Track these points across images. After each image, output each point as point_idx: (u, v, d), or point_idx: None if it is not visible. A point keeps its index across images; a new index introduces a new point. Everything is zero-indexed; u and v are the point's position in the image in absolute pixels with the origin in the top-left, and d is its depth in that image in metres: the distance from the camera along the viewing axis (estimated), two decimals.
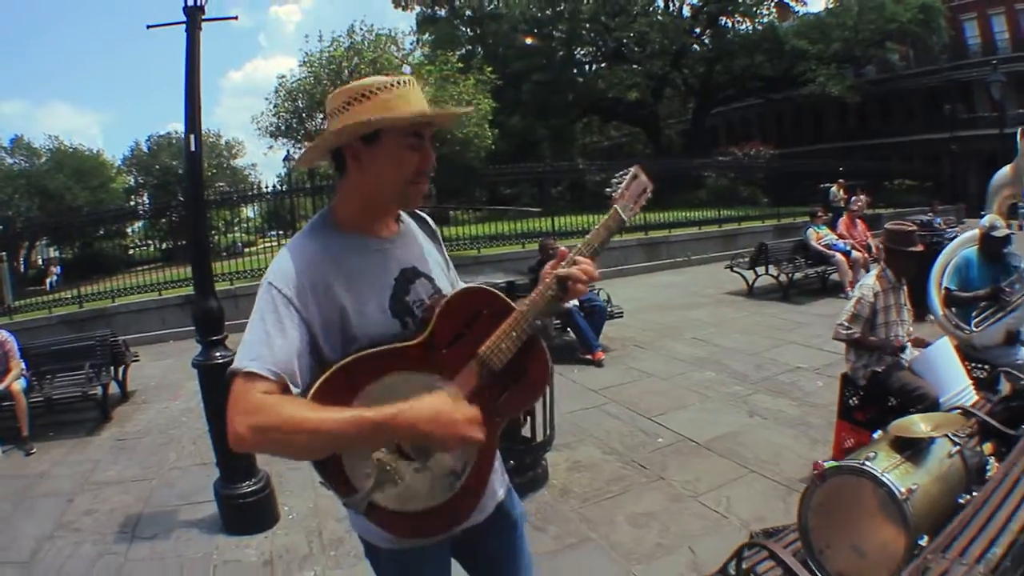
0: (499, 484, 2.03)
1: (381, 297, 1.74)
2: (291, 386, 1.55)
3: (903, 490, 2.83)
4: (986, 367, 5.17)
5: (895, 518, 2.81)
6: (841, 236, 12.91)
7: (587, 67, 40.21)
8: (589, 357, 8.27)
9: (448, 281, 1.98)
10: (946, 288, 5.75)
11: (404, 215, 1.92)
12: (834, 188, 18.27)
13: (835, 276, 12.51)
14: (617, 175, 1.99)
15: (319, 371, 1.59)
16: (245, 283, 12.59)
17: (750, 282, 12.75)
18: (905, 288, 5.04)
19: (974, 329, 5.51)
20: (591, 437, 5.95)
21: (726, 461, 5.33)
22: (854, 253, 12.32)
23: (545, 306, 1.77)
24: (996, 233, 5.56)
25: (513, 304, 1.78)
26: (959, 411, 3.79)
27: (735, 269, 12.99)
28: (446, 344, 1.69)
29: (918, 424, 3.32)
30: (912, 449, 3.20)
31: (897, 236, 4.88)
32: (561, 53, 36.50)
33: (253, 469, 4.76)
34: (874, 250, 12.20)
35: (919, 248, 4.85)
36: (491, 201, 22.97)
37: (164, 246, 19.66)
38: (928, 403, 4.29)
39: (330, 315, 1.65)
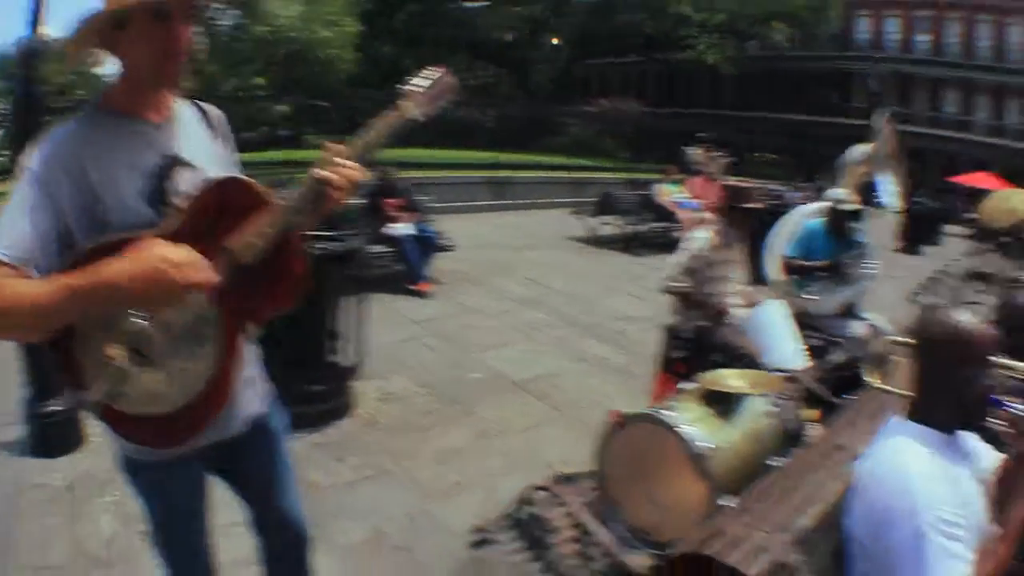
0: (255, 396, 2.02)
1: (137, 183, 1.68)
2: (31, 271, 1.51)
3: (704, 444, 2.85)
4: (821, 336, 5.29)
5: (695, 473, 2.83)
6: (696, 196, 13.14)
7: (469, 3, 39.49)
8: (415, 288, 8.16)
9: None
10: (786, 255, 5.82)
11: (183, 105, 1.88)
12: (697, 150, 18.60)
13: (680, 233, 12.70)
14: (422, 73, 1.97)
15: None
16: None
17: (593, 230, 12.90)
18: (741, 247, 5.13)
19: (810, 297, 5.60)
20: (406, 368, 5.87)
21: (540, 403, 5.37)
22: (705, 214, 12.54)
23: (302, 205, 1.71)
24: (845, 207, 5.66)
25: (270, 199, 1.72)
26: (783, 374, 3.85)
27: (579, 215, 13.13)
28: (197, 236, 1.60)
29: (730, 379, 3.38)
30: (722, 404, 3.23)
31: (735, 193, 5.04)
32: None
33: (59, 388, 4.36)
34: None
35: (757, 205, 5.01)
36: (351, 128, 22.25)
37: None
38: (750, 362, 4.34)
39: (83, 199, 1.60)
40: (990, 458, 2.21)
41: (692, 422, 3.00)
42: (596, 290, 9.03)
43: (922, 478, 1.85)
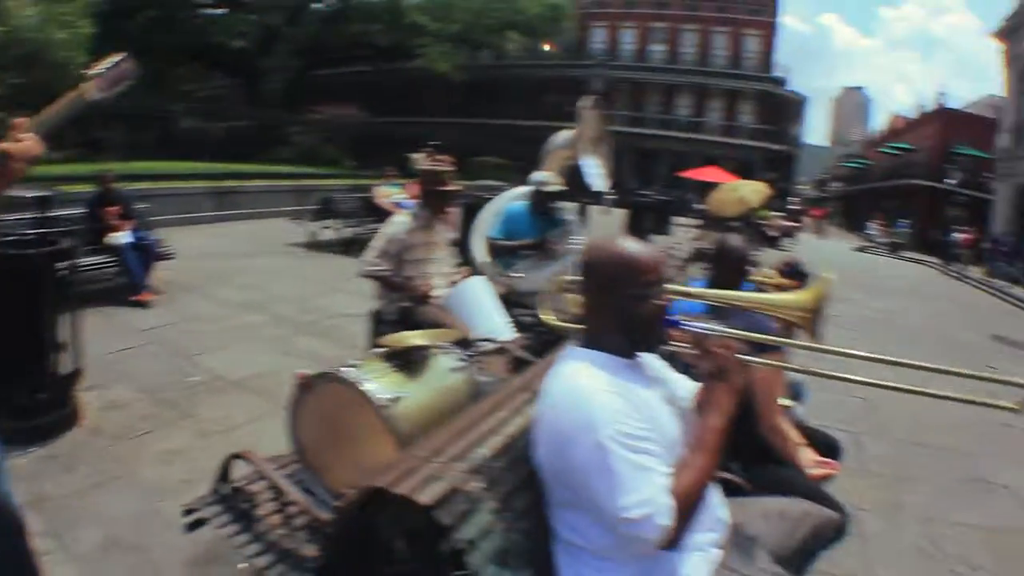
0: None
1: None
2: None
3: (385, 396, 2.95)
4: (530, 312, 5.27)
5: (381, 427, 2.91)
6: (414, 197, 13.54)
7: (206, 10, 37.72)
8: (136, 299, 7.99)
9: None
10: (490, 237, 6.10)
11: None
12: (419, 155, 18.81)
13: None
14: (106, 59, 2.04)
15: None
16: None
17: (314, 234, 13.15)
18: (443, 228, 5.35)
19: (517, 276, 5.84)
20: (127, 377, 5.80)
21: (259, 398, 5.53)
22: None
23: None
24: (547, 188, 6.02)
25: None
26: (492, 345, 4.02)
27: (300, 221, 13.36)
28: None
29: (412, 338, 3.48)
30: (408, 363, 3.34)
31: (429, 175, 5.19)
32: None
33: None
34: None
35: (449, 187, 5.17)
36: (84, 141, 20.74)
37: None
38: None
39: None
40: (686, 386, 2.33)
41: (374, 378, 3.06)
42: (313, 290, 9.28)
43: (596, 393, 1.88)
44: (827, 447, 3.50)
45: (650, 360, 2.25)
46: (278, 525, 2.86)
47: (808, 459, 3.18)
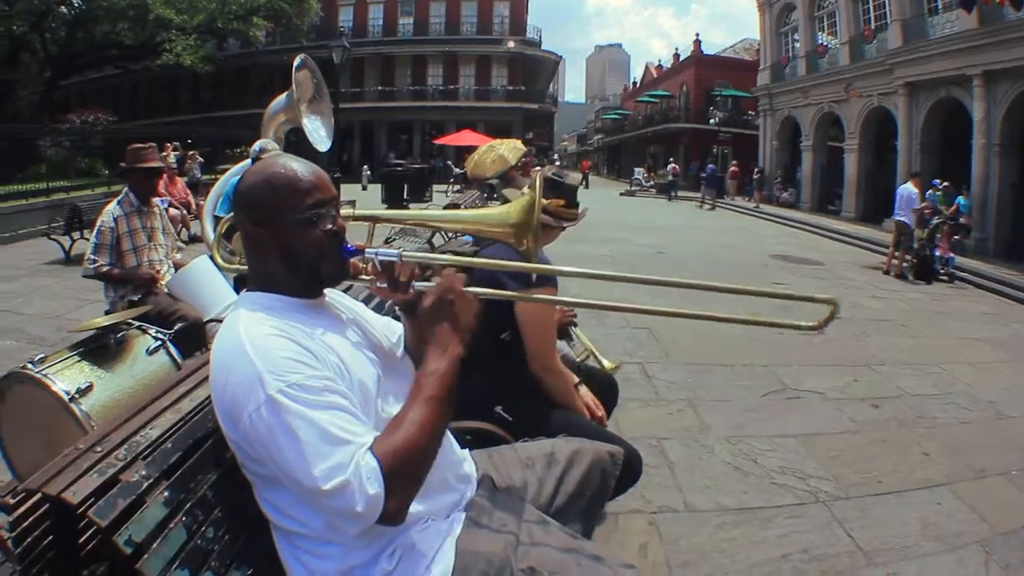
0: None
1: None
2: None
3: (70, 388, 2.78)
4: None
5: (69, 420, 2.75)
6: (159, 193, 12.99)
7: None
8: None
9: None
10: (216, 215, 5.73)
11: None
12: (164, 153, 18.00)
13: None
14: None
15: None
16: None
17: (67, 248, 12.15)
18: (157, 211, 5.16)
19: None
20: None
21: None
22: (171, 210, 12.46)
23: None
24: (266, 156, 5.77)
25: None
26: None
27: (52, 236, 12.35)
28: None
29: (97, 322, 3.31)
30: (94, 347, 3.16)
31: (131, 154, 4.90)
32: None
33: None
34: (192, 207, 13.27)
35: (150, 165, 4.97)
36: None
37: None
38: (191, 323, 4.33)
39: None
40: (392, 328, 2.10)
41: (60, 371, 2.89)
42: (70, 305, 8.64)
43: (261, 339, 1.56)
44: (605, 385, 3.47)
45: (340, 299, 1.98)
46: None
47: (587, 399, 3.10)
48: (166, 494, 1.58)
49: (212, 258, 2.54)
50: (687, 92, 50.34)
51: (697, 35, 51.38)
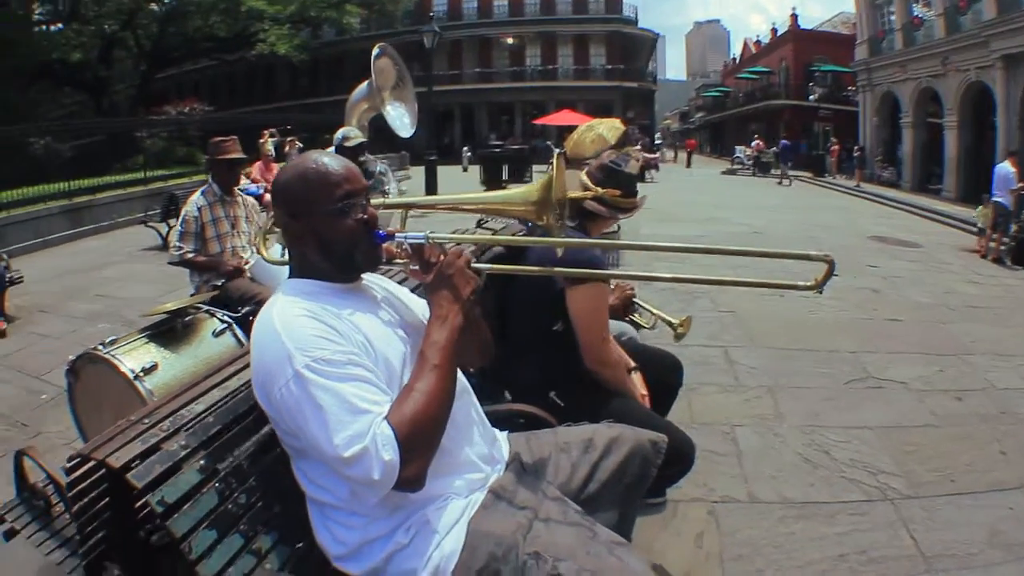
0: None
1: None
2: None
3: (136, 367, 2.88)
4: None
5: (135, 397, 2.85)
6: (255, 180, 13.21)
7: (46, 27, 35.47)
8: None
9: None
10: None
11: None
12: (262, 140, 18.05)
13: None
14: None
15: None
16: None
17: (163, 234, 12.49)
18: (240, 200, 5.27)
19: None
20: None
21: None
22: (267, 196, 12.63)
23: None
24: (349, 144, 5.86)
25: None
26: None
27: (149, 224, 12.87)
28: None
29: (167, 306, 3.42)
30: (164, 329, 3.27)
31: (213, 147, 5.02)
32: (20, 12, 31.81)
33: None
34: None
35: (231, 156, 5.06)
36: None
37: None
38: (255, 306, 4.31)
39: None
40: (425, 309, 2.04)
41: (128, 351, 3.01)
42: (159, 290, 8.86)
43: (290, 319, 1.68)
44: (669, 368, 3.40)
45: (378, 282, 2.08)
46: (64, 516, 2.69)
47: (639, 385, 3.05)
48: (202, 462, 1.70)
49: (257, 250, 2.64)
50: (786, 68, 48.91)
51: (793, 9, 49.56)
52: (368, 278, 2.03)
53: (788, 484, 4.05)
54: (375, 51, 6.57)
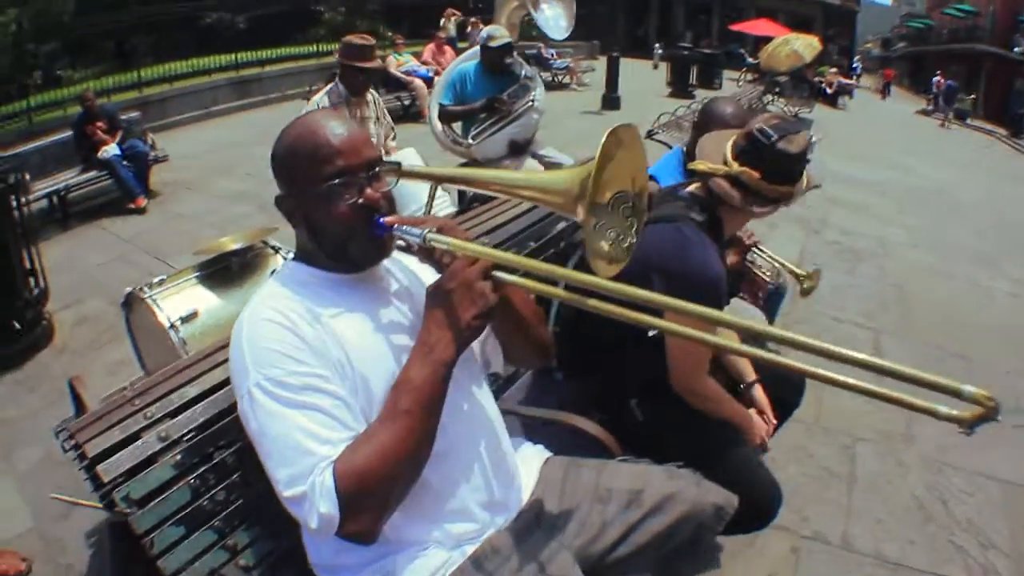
0: None
1: None
2: None
3: (174, 315, 2.85)
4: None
5: (171, 346, 2.80)
6: (425, 63, 13.00)
7: None
8: (132, 206, 7.93)
9: None
10: (440, 103, 5.61)
11: None
12: (443, 19, 17.10)
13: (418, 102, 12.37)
14: None
15: None
16: None
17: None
18: (371, 99, 5.15)
19: (471, 142, 5.39)
20: (103, 288, 5.69)
21: None
22: (416, 80, 12.56)
23: None
24: (494, 44, 5.39)
25: None
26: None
27: (309, 99, 12.91)
28: None
29: (227, 243, 3.28)
30: (210, 270, 3.17)
31: (348, 49, 4.82)
32: None
33: None
34: None
35: (365, 65, 4.82)
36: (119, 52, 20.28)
37: None
38: None
39: None
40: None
41: (172, 295, 2.94)
42: None
43: (257, 324, 1.44)
44: (789, 385, 2.73)
45: (397, 270, 1.74)
46: None
47: (759, 403, 2.55)
48: (178, 457, 1.62)
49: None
50: (994, 12, 43.98)
51: None
52: (387, 263, 1.69)
53: (890, 534, 3.36)
54: None
